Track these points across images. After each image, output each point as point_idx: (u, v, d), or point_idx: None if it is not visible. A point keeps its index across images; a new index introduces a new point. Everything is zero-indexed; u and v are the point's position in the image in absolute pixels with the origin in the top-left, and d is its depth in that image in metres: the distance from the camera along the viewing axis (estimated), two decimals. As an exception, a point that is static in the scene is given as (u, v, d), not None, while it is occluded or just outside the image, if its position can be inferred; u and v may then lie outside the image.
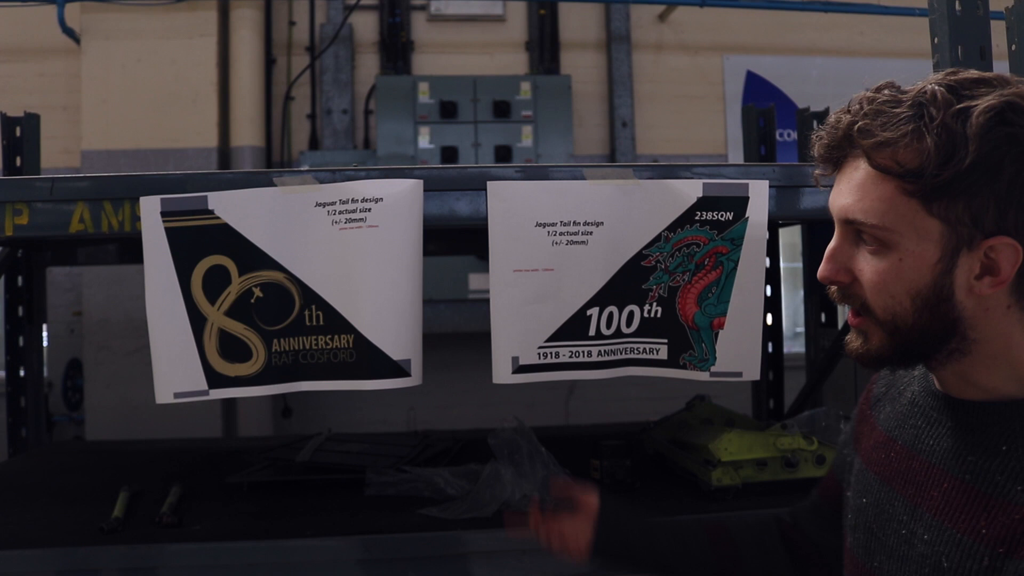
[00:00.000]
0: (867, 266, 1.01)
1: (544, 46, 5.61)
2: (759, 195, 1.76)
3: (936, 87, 0.96)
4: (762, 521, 1.45)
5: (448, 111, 5.10)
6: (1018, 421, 0.98)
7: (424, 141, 5.06)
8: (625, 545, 1.43)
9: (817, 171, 1.10)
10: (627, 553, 1.43)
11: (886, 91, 0.99)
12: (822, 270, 1.04)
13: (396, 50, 5.49)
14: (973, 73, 0.98)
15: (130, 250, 2.90)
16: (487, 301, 1.74)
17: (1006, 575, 0.92)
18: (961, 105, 0.93)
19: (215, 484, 2.23)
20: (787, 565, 1.41)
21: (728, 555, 1.41)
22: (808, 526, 1.40)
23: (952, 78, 0.97)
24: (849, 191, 1.01)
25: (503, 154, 5.08)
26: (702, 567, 1.42)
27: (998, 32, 2.02)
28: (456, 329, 4.80)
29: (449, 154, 5.06)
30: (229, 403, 4.72)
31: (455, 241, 3.05)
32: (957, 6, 1.82)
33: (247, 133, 5.07)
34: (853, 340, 1.07)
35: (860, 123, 0.98)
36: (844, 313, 4.06)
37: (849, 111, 1.01)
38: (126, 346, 4.69)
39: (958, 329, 1.00)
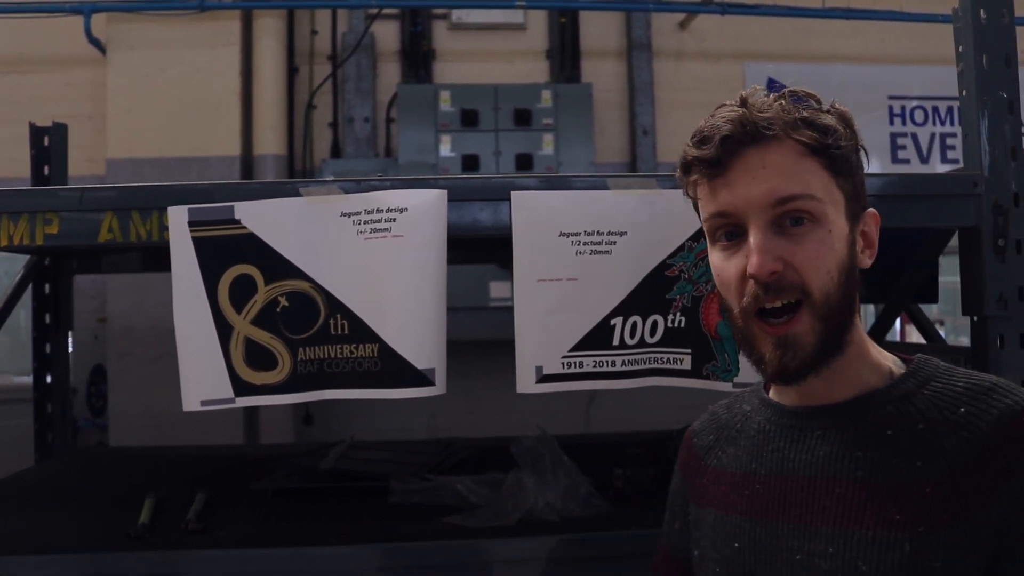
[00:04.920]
0: (800, 247, 1.01)
1: (565, 54, 5.62)
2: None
3: (795, 89, 1.08)
4: None
5: (469, 119, 5.11)
6: (891, 405, 1.02)
7: (445, 149, 5.08)
8: None
9: (693, 177, 1.09)
10: None
11: (760, 94, 1.06)
12: (763, 265, 1.00)
13: (417, 59, 5.52)
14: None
15: (154, 258, 2.92)
16: (508, 309, 1.75)
17: (934, 551, 0.93)
18: (825, 103, 1.08)
19: (239, 491, 2.24)
20: None
21: None
22: None
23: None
24: (772, 175, 1.02)
25: (524, 162, 5.09)
26: None
27: (1022, 39, 2.01)
28: (477, 337, 4.80)
29: (470, 162, 5.07)
30: (251, 410, 4.74)
31: (476, 250, 3.06)
32: (982, 14, 1.81)
33: (269, 141, 5.11)
34: (779, 356, 1.02)
35: (768, 112, 1.03)
36: (867, 318, 4.03)
37: (743, 108, 1.04)
38: (149, 353, 4.72)
39: (855, 307, 1.05)
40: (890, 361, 1.10)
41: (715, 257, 1.09)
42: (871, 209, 1.11)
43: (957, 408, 0.99)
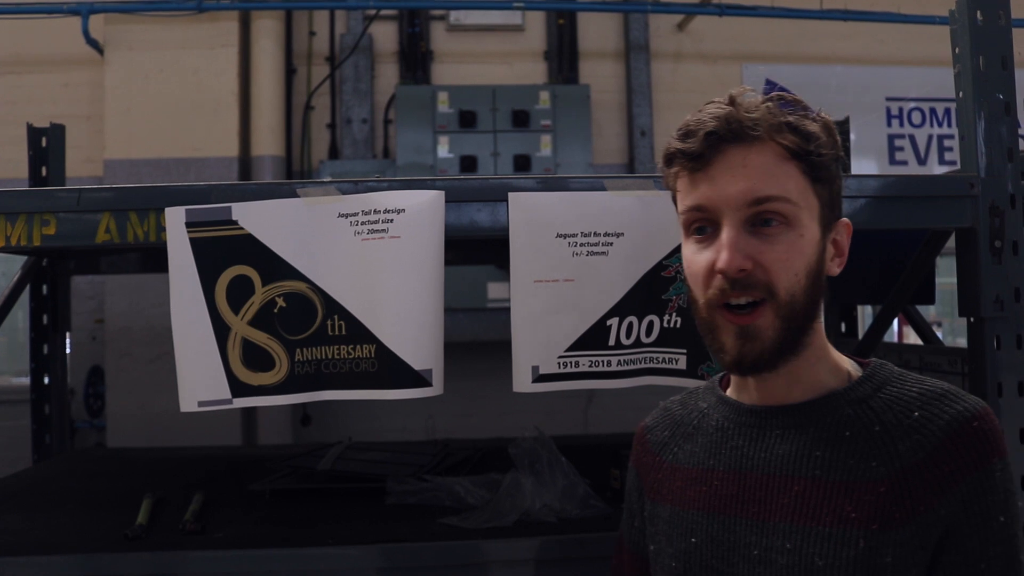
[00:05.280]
0: (771, 247, 1.04)
1: (563, 55, 5.63)
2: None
3: (783, 94, 1.09)
4: None
5: (467, 121, 5.11)
6: (848, 408, 1.06)
7: (443, 150, 5.08)
8: None
9: (674, 169, 1.11)
10: None
11: (750, 94, 1.07)
12: (732, 261, 1.02)
13: (415, 60, 5.52)
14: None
15: (152, 259, 2.93)
16: (506, 310, 1.75)
17: (886, 548, 0.97)
18: (812, 110, 1.09)
19: (237, 492, 2.24)
20: None
21: None
22: None
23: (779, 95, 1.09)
24: (751, 175, 1.04)
25: (522, 163, 5.09)
26: None
27: (1019, 40, 2.02)
28: (475, 338, 4.81)
29: (468, 163, 5.07)
30: (249, 411, 4.74)
31: (474, 250, 3.06)
32: (979, 16, 1.81)
33: (267, 142, 5.11)
34: (738, 345, 1.05)
35: (755, 114, 1.04)
36: (866, 320, 4.04)
37: (731, 107, 1.06)
38: (147, 354, 4.72)
39: (818, 311, 1.08)
40: (848, 364, 1.13)
41: (687, 249, 1.11)
42: (844, 219, 1.13)
43: (911, 412, 1.03)
